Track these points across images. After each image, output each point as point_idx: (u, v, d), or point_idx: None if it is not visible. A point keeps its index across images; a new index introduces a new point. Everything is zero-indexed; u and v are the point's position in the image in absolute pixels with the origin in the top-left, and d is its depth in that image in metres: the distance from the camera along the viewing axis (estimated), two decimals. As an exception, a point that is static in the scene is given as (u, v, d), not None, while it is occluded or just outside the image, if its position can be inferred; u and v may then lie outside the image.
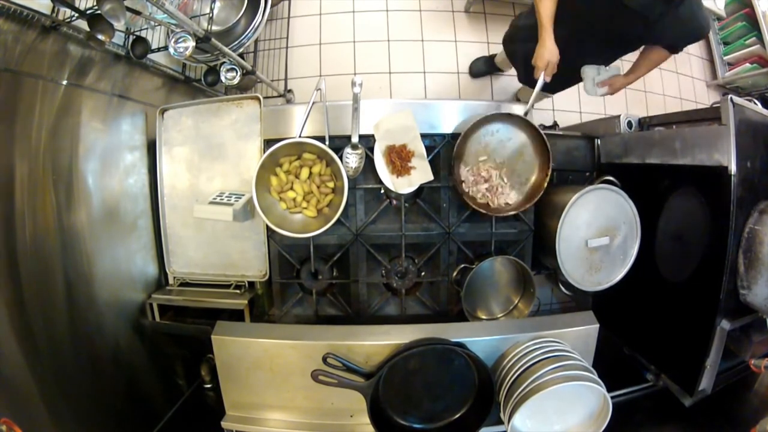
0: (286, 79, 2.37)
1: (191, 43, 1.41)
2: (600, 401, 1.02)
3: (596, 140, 1.62)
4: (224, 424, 1.15)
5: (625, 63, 1.74)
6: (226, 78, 1.78)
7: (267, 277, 1.38)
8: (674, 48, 1.52)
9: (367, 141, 1.28)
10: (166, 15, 1.28)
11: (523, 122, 1.29)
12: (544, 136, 1.28)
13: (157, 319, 1.43)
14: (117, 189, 1.36)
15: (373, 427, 1.03)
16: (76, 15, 1.16)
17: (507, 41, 1.92)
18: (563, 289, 1.69)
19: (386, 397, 1.08)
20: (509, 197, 1.34)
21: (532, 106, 1.30)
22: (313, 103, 1.19)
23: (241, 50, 1.97)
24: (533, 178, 1.34)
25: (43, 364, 1.03)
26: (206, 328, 1.25)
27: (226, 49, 1.64)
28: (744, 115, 1.13)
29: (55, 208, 1.14)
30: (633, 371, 1.46)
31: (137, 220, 1.43)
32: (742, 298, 1.18)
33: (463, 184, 1.32)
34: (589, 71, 1.64)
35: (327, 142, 1.23)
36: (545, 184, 1.29)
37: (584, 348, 1.13)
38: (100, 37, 1.17)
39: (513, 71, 2.07)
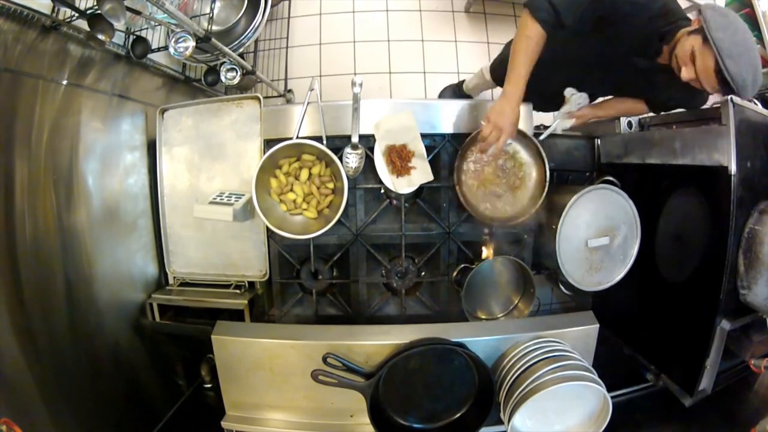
0: (286, 79, 2.37)
1: (191, 43, 1.41)
2: (600, 401, 1.02)
3: (596, 140, 1.62)
4: (224, 424, 1.15)
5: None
6: (226, 78, 1.78)
7: (267, 277, 1.38)
8: (654, 107, 1.44)
9: (367, 141, 1.28)
10: (166, 15, 1.28)
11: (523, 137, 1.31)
12: (540, 148, 1.29)
13: (157, 319, 1.43)
14: (117, 189, 1.36)
15: (373, 427, 1.03)
16: (76, 15, 1.16)
17: (497, 68, 1.77)
18: (563, 289, 1.69)
19: (386, 397, 1.08)
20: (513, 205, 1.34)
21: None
22: (308, 103, 1.19)
23: (241, 50, 1.97)
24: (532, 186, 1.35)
25: (43, 364, 1.03)
26: (206, 328, 1.25)
27: (226, 49, 1.64)
28: (744, 115, 1.13)
29: (55, 208, 1.13)
30: (633, 371, 1.46)
31: (137, 220, 1.43)
32: (742, 298, 1.18)
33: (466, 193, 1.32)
34: (574, 98, 1.40)
35: (324, 142, 1.23)
36: (544, 192, 1.29)
37: (584, 348, 1.13)
38: (100, 37, 1.17)
39: (483, 96, 2.06)
